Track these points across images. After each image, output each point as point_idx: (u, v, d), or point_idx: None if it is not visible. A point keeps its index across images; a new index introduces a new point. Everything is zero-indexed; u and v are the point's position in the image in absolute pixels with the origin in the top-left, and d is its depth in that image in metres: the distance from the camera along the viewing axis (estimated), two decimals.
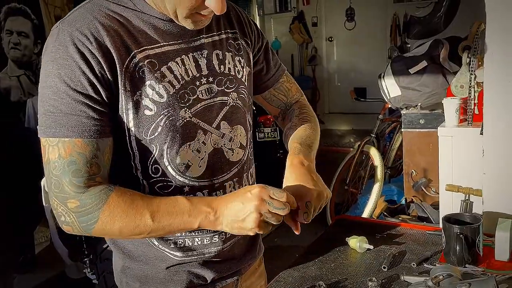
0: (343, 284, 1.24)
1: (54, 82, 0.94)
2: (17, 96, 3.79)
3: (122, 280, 1.17)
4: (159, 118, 1.01)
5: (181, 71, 1.03)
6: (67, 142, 0.94)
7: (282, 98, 1.34)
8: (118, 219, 0.96)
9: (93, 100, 0.95)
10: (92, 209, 0.95)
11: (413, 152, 3.19)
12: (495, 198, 1.57)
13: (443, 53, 3.09)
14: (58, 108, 0.94)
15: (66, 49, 0.93)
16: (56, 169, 0.94)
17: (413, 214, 3.10)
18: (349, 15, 6.47)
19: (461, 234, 1.28)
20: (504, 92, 1.51)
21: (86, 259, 2.54)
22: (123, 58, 0.97)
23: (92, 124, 0.95)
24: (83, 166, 0.95)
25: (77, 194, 0.95)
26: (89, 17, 0.96)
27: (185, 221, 0.97)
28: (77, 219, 0.96)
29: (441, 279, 1.08)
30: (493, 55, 1.50)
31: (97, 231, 0.97)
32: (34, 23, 3.95)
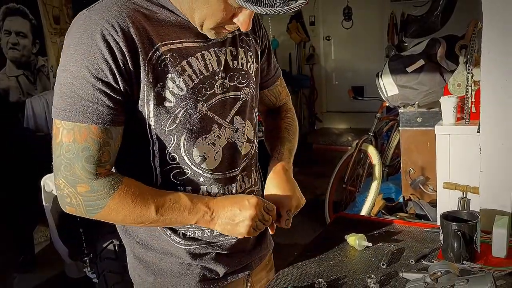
0: (342, 281, 1.24)
1: (75, 67, 0.95)
2: (16, 97, 3.78)
3: (134, 273, 1.20)
4: (177, 110, 1.04)
5: (201, 66, 1.06)
6: (83, 127, 0.96)
7: (273, 99, 1.40)
8: (125, 208, 1.01)
9: (112, 88, 0.97)
10: (102, 196, 0.99)
11: (410, 150, 3.20)
12: (492, 196, 1.58)
13: (440, 52, 3.10)
14: (76, 93, 0.95)
15: (91, 36, 0.95)
16: (70, 152, 0.96)
17: (411, 212, 3.11)
18: (347, 14, 6.48)
19: (458, 231, 1.29)
20: (501, 91, 1.51)
21: (86, 258, 2.55)
22: (147, 50, 0.99)
23: (108, 112, 0.97)
24: (96, 152, 0.97)
25: (89, 180, 0.98)
26: (116, 8, 0.98)
27: (185, 217, 1.06)
28: (84, 203, 0.99)
29: (439, 276, 1.09)
30: (490, 54, 1.51)
31: (100, 216, 1.02)
32: (32, 23, 3.95)
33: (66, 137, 0.96)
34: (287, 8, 0.87)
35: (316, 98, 7.03)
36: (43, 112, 3.54)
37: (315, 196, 4.70)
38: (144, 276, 1.17)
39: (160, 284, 1.16)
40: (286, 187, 1.20)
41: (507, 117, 1.51)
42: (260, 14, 1.02)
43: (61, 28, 4.20)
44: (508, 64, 1.48)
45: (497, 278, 1.19)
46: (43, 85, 4.04)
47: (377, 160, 3.49)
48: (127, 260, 1.23)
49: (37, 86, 4.00)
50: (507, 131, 1.52)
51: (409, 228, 1.54)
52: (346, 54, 6.84)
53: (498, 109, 1.53)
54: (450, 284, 1.06)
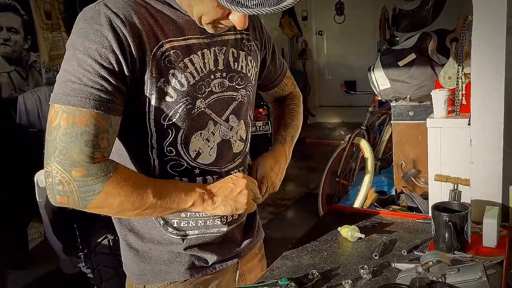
0: (335, 272, 1.25)
1: (81, 55, 0.96)
2: (7, 93, 3.76)
3: (126, 262, 1.21)
4: (178, 105, 1.06)
5: (201, 63, 1.09)
6: (84, 112, 0.95)
7: (280, 92, 1.47)
8: (123, 192, 0.98)
9: (116, 77, 0.97)
10: (99, 179, 0.95)
11: (402, 143, 3.21)
12: (482, 187, 1.59)
13: (431, 46, 3.11)
14: (80, 79, 0.95)
15: (100, 27, 0.96)
16: (67, 135, 0.94)
17: (403, 205, 3.13)
18: (339, 9, 6.50)
19: (449, 221, 1.30)
20: (491, 83, 1.52)
21: (81, 253, 2.55)
22: (152, 46, 1.01)
23: (110, 100, 0.97)
24: (95, 138, 0.96)
25: (85, 163, 0.94)
26: (123, 3, 1.00)
27: (181, 200, 1.05)
28: (78, 189, 0.95)
29: (431, 265, 1.10)
30: (480, 46, 1.52)
31: (95, 203, 0.97)
32: (24, 19, 3.92)
33: (65, 121, 0.94)
34: (277, 7, 0.88)
35: (309, 92, 7.04)
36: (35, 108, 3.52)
37: (308, 190, 4.72)
38: (135, 263, 1.18)
39: (150, 271, 1.17)
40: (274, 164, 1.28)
41: (497, 109, 1.52)
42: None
43: (52, 23, 4.17)
44: (498, 57, 1.49)
45: (488, 268, 1.20)
46: (35, 81, 4.01)
47: (369, 154, 3.51)
48: (121, 248, 1.24)
49: (29, 82, 3.97)
50: (497, 122, 1.54)
51: (401, 220, 1.56)
52: (338, 49, 6.85)
53: (488, 101, 1.54)
54: (442, 273, 1.07)
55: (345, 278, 1.20)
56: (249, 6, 0.87)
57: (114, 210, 1.02)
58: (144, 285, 1.18)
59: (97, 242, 2.44)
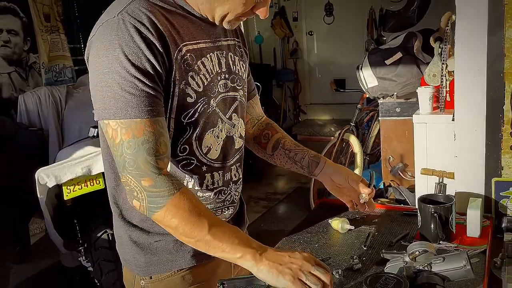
0: (327, 263, 1.25)
1: (121, 67, 0.96)
2: (8, 93, 3.74)
3: (128, 256, 1.19)
4: (197, 105, 1.08)
5: (211, 66, 1.11)
6: (138, 122, 0.97)
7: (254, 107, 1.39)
8: (180, 214, 0.99)
9: (155, 83, 0.99)
10: (164, 193, 0.98)
11: (390, 139, 3.22)
12: (466, 179, 1.61)
13: (416, 45, 3.12)
14: (127, 91, 0.96)
15: (131, 37, 0.96)
16: (131, 148, 0.97)
17: (391, 197, 3.13)
18: (328, 10, 6.50)
19: (435, 213, 1.31)
20: (473, 80, 1.53)
21: (81, 247, 2.54)
22: (173, 50, 1.02)
23: (156, 104, 0.99)
24: (154, 144, 0.98)
25: (152, 173, 0.98)
26: (145, 11, 1.00)
27: (233, 248, 1.00)
28: (147, 199, 0.99)
29: (417, 255, 1.10)
30: (463, 45, 1.53)
31: (159, 216, 1.00)
32: (23, 21, 3.89)
33: (126, 135, 0.97)
34: None
35: (300, 91, 7.04)
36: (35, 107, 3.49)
37: (300, 184, 4.73)
38: (140, 256, 1.17)
39: (157, 262, 1.16)
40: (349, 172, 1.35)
41: (480, 105, 1.53)
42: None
43: (51, 25, 4.14)
44: (480, 55, 1.50)
45: (471, 256, 1.21)
46: (35, 81, 3.99)
47: (358, 149, 3.52)
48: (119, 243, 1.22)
49: (29, 82, 3.95)
50: (479, 117, 1.55)
51: (389, 212, 1.56)
52: (328, 48, 6.85)
53: (471, 97, 1.55)
54: (428, 262, 1.08)
55: (335, 268, 1.21)
56: None
57: (172, 230, 1.03)
58: (151, 276, 1.17)
59: (96, 236, 2.43)
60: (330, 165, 1.36)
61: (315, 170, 1.36)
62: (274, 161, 1.39)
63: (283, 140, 1.38)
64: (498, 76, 1.50)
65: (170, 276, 1.17)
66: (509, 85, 1.49)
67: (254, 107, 1.39)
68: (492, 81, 1.51)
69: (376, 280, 1.01)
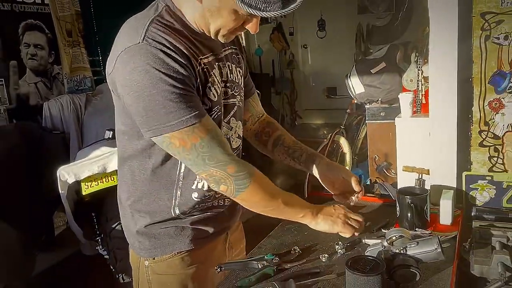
0: (314, 248, 1.27)
1: (166, 84, 0.96)
2: (35, 101, 3.76)
3: (134, 240, 1.21)
4: (212, 112, 1.08)
5: (219, 77, 1.11)
6: (197, 126, 1.00)
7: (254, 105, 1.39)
8: (261, 193, 1.09)
9: (193, 92, 1.01)
10: (245, 175, 1.06)
11: (376, 140, 3.21)
12: (440, 174, 1.61)
13: (399, 56, 3.12)
14: (177, 104, 0.97)
15: (162, 60, 0.96)
16: (204, 147, 1.01)
17: (377, 192, 3.12)
18: (321, 25, 6.52)
19: (411, 203, 1.32)
20: (446, 84, 1.54)
21: (98, 238, 2.54)
22: (194, 65, 1.02)
23: (201, 106, 1.03)
24: (219, 137, 1.04)
25: (232, 160, 1.04)
26: (163, 35, 0.99)
27: (298, 210, 1.21)
28: (234, 182, 1.05)
29: (394, 240, 1.11)
30: (436, 53, 1.54)
31: (243, 196, 1.08)
32: (48, 37, 3.92)
33: (193, 139, 1.00)
34: (284, 10, 0.93)
35: (296, 98, 7.04)
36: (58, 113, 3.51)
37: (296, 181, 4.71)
38: (146, 240, 1.18)
39: (159, 245, 1.18)
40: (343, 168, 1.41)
41: (451, 106, 1.54)
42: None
43: (73, 40, 4.16)
44: (450, 61, 1.51)
45: (444, 241, 1.22)
46: (58, 90, 4.01)
47: (347, 149, 3.52)
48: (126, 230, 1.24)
49: (53, 91, 3.97)
50: (451, 118, 1.55)
51: (371, 203, 1.57)
52: (321, 60, 6.85)
53: (443, 100, 1.56)
54: (403, 246, 1.09)
55: (322, 253, 1.22)
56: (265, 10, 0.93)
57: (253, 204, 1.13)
58: (154, 258, 1.19)
59: (111, 227, 2.44)
60: (325, 162, 1.37)
61: (311, 166, 1.36)
62: (274, 156, 1.40)
63: (283, 138, 1.39)
64: (467, 81, 1.51)
65: (171, 258, 1.19)
66: (477, 89, 1.50)
67: (254, 105, 1.38)
68: (462, 85, 1.52)
69: (357, 262, 1.01)
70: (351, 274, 0.98)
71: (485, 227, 1.32)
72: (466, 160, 1.57)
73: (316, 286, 1.08)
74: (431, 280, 1.08)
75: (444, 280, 1.07)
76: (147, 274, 1.20)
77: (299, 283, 1.07)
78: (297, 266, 1.18)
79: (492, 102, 1.51)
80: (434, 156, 1.62)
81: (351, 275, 0.98)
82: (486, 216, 1.38)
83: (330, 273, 1.13)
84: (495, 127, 1.52)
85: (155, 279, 1.20)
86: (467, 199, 1.55)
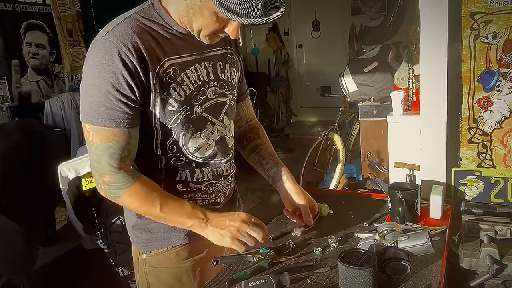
0: (308, 242, 1.26)
1: (99, 82, 0.98)
2: (36, 98, 3.74)
3: (132, 234, 1.22)
4: (179, 113, 1.07)
5: (195, 77, 1.09)
6: (107, 130, 1.00)
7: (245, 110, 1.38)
8: (137, 202, 1.07)
9: (130, 99, 1.00)
10: (120, 187, 1.04)
11: (368, 137, 3.21)
12: (430, 169, 1.61)
13: (390, 55, 3.12)
14: (101, 103, 0.98)
15: (111, 57, 0.97)
16: (98, 150, 1.02)
17: (369, 188, 3.14)
18: (315, 26, 6.51)
19: (402, 198, 1.31)
20: (436, 82, 1.53)
21: (98, 232, 2.53)
22: (154, 66, 1.02)
23: (127, 117, 1.01)
24: (118, 150, 1.02)
25: (111, 172, 1.03)
26: (130, 31, 1.00)
27: (182, 220, 1.09)
28: (108, 190, 1.05)
29: (386, 233, 1.11)
30: (427, 52, 1.53)
31: (120, 202, 1.07)
32: (49, 36, 3.89)
33: (95, 138, 1.01)
34: (266, 18, 0.93)
35: (291, 96, 7.03)
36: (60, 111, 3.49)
37: None
38: (142, 234, 1.19)
39: (155, 239, 1.18)
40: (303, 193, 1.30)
41: (441, 104, 1.53)
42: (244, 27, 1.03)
43: (73, 40, 4.13)
44: (440, 60, 1.50)
45: (433, 235, 1.22)
46: (60, 88, 3.99)
47: (341, 146, 3.51)
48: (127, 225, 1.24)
49: (54, 89, 3.95)
50: (441, 115, 1.55)
51: (364, 198, 1.57)
52: (315, 59, 6.84)
53: (434, 97, 1.55)
54: (394, 240, 1.08)
55: (316, 246, 1.21)
56: (245, 16, 0.91)
57: (135, 211, 1.13)
58: (150, 251, 1.20)
59: (111, 222, 2.43)
60: (290, 184, 1.30)
61: (277, 182, 1.32)
62: (249, 161, 1.38)
63: (260, 147, 1.35)
64: (456, 79, 1.50)
65: (166, 251, 1.19)
66: (466, 87, 1.50)
67: (244, 109, 1.37)
68: (452, 83, 1.51)
69: (349, 255, 1.01)
70: (344, 267, 0.97)
71: (474, 221, 1.32)
72: (455, 156, 1.57)
73: (310, 278, 1.08)
74: (422, 272, 1.08)
75: (434, 273, 1.07)
76: (145, 267, 1.21)
77: (293, 276, 1.06)
78: (291, 259, 1.17)
79: (481, 100, 1.50)
80: (424, 152, 1.62)
81: (344, 268, 0.97)
82: (474, 210, 1.38)
83: (324, 266, 1.12)
84: (483, 124, 1.52)
85: (152, 271, 1.21)
86: (457, 194, 1.55)
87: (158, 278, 1.20)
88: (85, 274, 2.74)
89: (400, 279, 1.04)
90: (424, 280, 1.04)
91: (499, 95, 1.48)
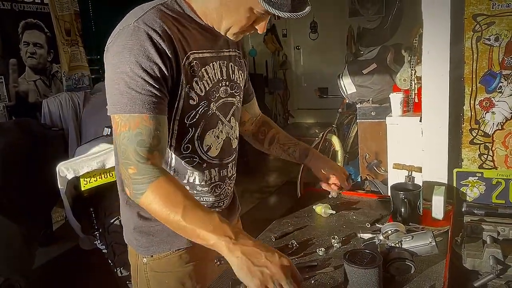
0: (311, 242, 1.26)
1: (130, 68, 0.94)
2: (34, 98, 3.72)
3: (131, 237, 1.18)
4: (199, 107, 1.07)
5: (212, 73, 1.09)
6: (136, 117, 0.94)
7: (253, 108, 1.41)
8: (160, 201, 0.93)
9: (160, 83, 0.97)
10: (144, 180, 0.94)
11: (366, 138, 3.22)
12: (432, 170, 1.61)
13: (389, 57, 3.12)
14: (132, 89, 0.94)
15: (143, 43, 0.94)
16: (125, 139, 0.95)
17: (367, 189, 3.14)
18: (313, 27, 6.52)
19: (405, 198, 1.31)
20: (438, 84, 1.54)
21: (96, 232, 2.51)
22: (182, 56, 1.01)
23: (158, 102, 0.96)
24: (147, 137, 0.95)
25: (138, 162, 0.94)
26: (158, 21, 0.98)
27: (204, 235, 0.90)
28: (132, 186, 0.95)
29: (390, 234, 1.11)
30: (429, 53, 1.53)
31: (142, 202, 0.95)
32: (47, 36, 3.87)
33: (123, 127, 0.95)
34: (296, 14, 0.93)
35: (289, 97, 7.04)
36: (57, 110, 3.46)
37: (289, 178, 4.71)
38: (143, 238, 1.15)
39: (157, 242, 1.15)
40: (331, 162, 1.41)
41: (443, 105, 1.54)
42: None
43: (71, 39, 4.11)
44: (443, 62, 1.51)
45: (436, 235, 1.21)
46: (57, 88, 3.96)
47: (339, 148, 3.52)
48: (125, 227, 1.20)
49: (52, 88, 3.92)
50: (443, 116, 1.55)
51: (365, 199, 1.56)
52: (313, 61, 6.86)
53: (436, 99, 1.55)
54: (399, 240, 1.08)
55: (319, 247, 1.21)
56: (278, 8, 0.91)
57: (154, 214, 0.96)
58: (152, 255, 1.16)
59: (110, 222, 2.41)
60: (316, 156, 1.40)
61: (305, 160, 1.40)
62: (270, 152, 1.43)
63: (277, 136, 1.42)
64: (459, 80, 1.51)
65: (168, 255, 1.16)
66: (468, 88, 1.50)
67: (253, 108, 1.40)
68: (454, 84, 1.51)
69: (355, 255, 1.00)
70: (350, 267, 0.97)
71: (476, 222, 1.32)
72: (457, 157, 1.57)
73: (314, 278, 1.07)
74: (426, 272, 1.07)
75: (437, 273, 1.07)
76: (145, 272, 1.17)
77: None
78: (294, 259, 1.17)
79: (483, 101, 1.51)
80: (425, 153, 1.62)
81: (350, 268, 0.97)
82: (476, 211, 1.38)
83: (327, 266, 1.12)
84: (485, 126, 1.53)
85: (153, 276, 1.17)
86: (458, 195, 1.55)
87: (161, 283, 1.17)
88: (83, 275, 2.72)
89: (405, 279, 1.04)
90: (428, 280, 1.04)
91: (501, 97, 1.48)
